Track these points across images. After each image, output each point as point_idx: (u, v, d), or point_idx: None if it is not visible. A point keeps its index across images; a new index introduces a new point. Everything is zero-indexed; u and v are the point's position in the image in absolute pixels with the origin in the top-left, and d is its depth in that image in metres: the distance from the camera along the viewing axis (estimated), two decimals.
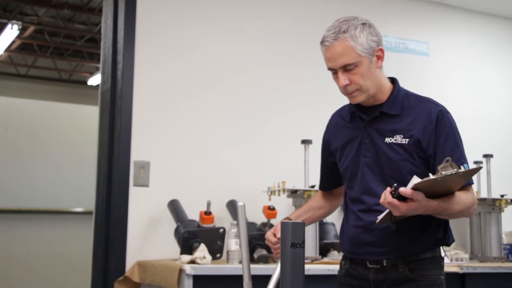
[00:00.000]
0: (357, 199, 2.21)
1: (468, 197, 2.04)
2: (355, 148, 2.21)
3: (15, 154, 7.65)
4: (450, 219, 2.13)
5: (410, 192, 1.85)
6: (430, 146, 2.11)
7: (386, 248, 2.10)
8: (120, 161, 3.73)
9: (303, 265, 1.71)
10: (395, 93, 2.20)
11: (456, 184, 1.96)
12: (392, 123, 2.16)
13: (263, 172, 4.03)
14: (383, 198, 1.90)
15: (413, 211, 1.90)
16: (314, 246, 3.63)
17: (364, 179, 2.18)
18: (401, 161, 2.11)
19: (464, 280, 3.76)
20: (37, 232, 7.61)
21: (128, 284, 3.60)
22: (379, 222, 2.03)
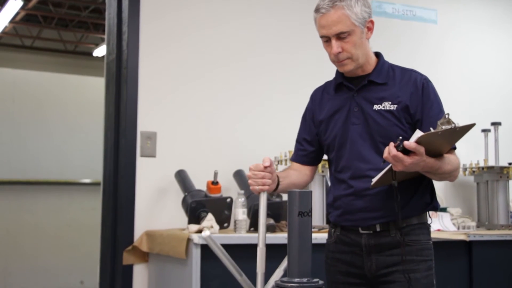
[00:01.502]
0: (346, 166, 2.25)
1: (455, 158, 2.15)
2: (343, 117, 2.27)
3: (22, 126, 7.66)
4: (439, 180, 2.20)
5: (415, 145, 1.91)
6: (418, 111, 2.19)
7: (379, 212, 2.17)
8: (126, 132, 3.74)
9: (311, 234, 1.71)
10: (381, 64, 2.29)
11: (448, 144, 2.05)
12: (379, 91, 2.24)
13: (270, 142, 4.03)
14: (387, 152, 1.95)
15: (415, 166, 1.96)
16: (321, 215, 3.65)
17: (354, 146, 2.23)
18: (390, 127, 2.18)
19: (471, 248, 3.78)
20: (46, 203, 7.67)
21: (136, 254, 3.63)
22: (374, 184, 2.09)
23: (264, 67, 4.16)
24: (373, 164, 2.15)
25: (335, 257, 2.30)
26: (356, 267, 2.23)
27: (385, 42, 4.04)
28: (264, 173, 2.07)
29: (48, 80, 7.97)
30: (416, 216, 2.21)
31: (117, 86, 3.87)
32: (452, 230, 3.92)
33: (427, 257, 2.20)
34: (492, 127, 4.34)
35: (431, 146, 1.96)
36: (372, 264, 2.19)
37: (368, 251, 2.20)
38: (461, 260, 3.76)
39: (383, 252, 2.17)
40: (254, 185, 2.06)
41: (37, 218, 7.62)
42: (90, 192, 7.42)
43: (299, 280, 1.66)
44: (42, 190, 7.67)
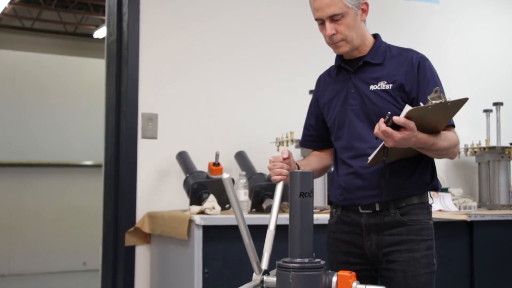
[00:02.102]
0: (346, 147, 2.27)
1: (453, 135, 2.15)
2: (341, 98, 2.29)
3: (23, 108, 7.66)
4: (437, 157, 2.19)
5: (404, 119, 1.91)
6: (414, 89, 2.20)
7: (377, 190, 2.18)
8: (127, 113, 3.73)
9: (312, 214, 1.72)
10: (377, 45, 2.30)
11: (443, 120, 2.03)
12: (375, 71, 2.25)
13: (271, 123, 4.03)
14: (377, 128, 1.96)
15: (406, 141, 1.96)
16: (322, 196, 3.65)
17: (352, 126, 2.25)
18: (386, 106, 2.18)
19: (472, 228, 3.79)
20: (47, 185, 7.69)
21: (138, 235, 3.65)
22: (370, 163, 2.11)
23: (266, 51, 4.15)
24: (371, 143, 2.14)
25: (336, 237, 2.32)
26: (356, 247, 2.24)
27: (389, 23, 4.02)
28: (282, 163, 2.11)
29: (48, 62, 7.94)
30: (416, 196, 2.21)
31: (118, 68, 3.86)
32: (453, 211, 3.93)
33: (427, 237, 2.20)
34: (494, 107, 4.34)
35: (424, 122, 1.95)
36: (372, 244, 2.21)
37: (368, 231, 2.21)
38: (462, 240, 3.77)
39: (383, 232, 2.19)
40: (273, 175, 2.11)
41: (39, 200, 7.64)
42: (92, 174, 7.43)
43: (300, 260, 1.67)
44: (44, 172, 7.68)
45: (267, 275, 1.79)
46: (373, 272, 2.26)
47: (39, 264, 7.52)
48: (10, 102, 7.62)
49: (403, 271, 2.15)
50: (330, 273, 1.68)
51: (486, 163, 4.31)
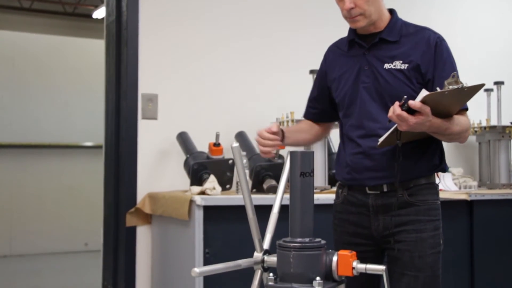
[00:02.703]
0: (356, 125, 2.24)
1: (465, 119, 2.12)
2: (353, 75, 2.24)
3: (23, 89, 7.64)
4: (448, 141, 2.19)
5: (420, 104, 1.89)
6: (429, 71, 2.16)
7: (386, 172, 2.16)
8: (127, 94, 3.72)
9: (312, 194, 1.72)
10: (394, 21, 2.25)
11: (457, 105, 2.01)
12: (391, 49, 2.20)
13: (271, 103, 4.02)
14: (392, 111, 1.93)
15: (420, 126, 1.94)
16: (323, 176, 3.65)
17: (364, 105, 2.21)
18: (400, 86, 2.15)
19: (472, 207, 3.80)
20: (48, 167, 7.69)
21: (139, 216, 3.66)
22: (381, 144, 2.08)
23: (266, 32, 4.13)
24: (382, 123, 2.12)
25: (342, 217, 2.30)
26: (363, 228, 2.23)
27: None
28: (270, 141, 2.14)
29: (47, 42, 7.91)
30: (424, 177, 2.20)
31: (117, 48, 3.84)
32: (454, 190, 3.94)
33: (435, 217, 2.20)
34: (494, 87, 4.32)
35: (439, 106, 1.93)
36: (379, 224, 2.19)
37: (375, 212, 2.20)
38: (462, 220, 3.78)
39: (390, 212, 2.17)
40: (261, 150, 2.12)
41: (39, 181, 7.65)
42: (92, 155, 7.44)
43: (301, 240, 1.67)
44: (44, 153, 7.69)
45: (268, 255, 1.79)
46: (379, 252, 2.26)
47: (41, 244, 7.55)
48: (10, 83, 7.60)
49: (410, 251, 2.15)
50: (330, 252, 1.69)
51: (486, 142, 4.31)
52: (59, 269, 6.71)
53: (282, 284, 1.67)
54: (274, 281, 1.69)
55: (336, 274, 1.67)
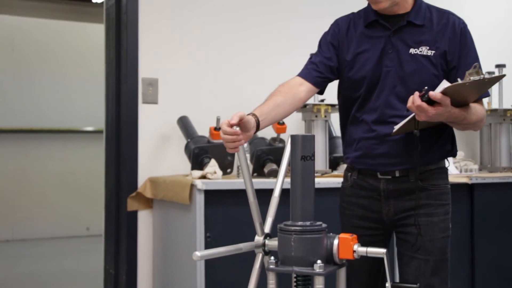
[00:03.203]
0: (372, 109, 2.18)
1: (482, 108, 2.10)
2: (375, 57, 2.17)
3: (23, 74, 7.62)
4: (463, 130, 2.15)
5: (440, 95, 1.86)
6: (454, 58, 2.12)
7: (399, 159, 2.14)
8: (128, 78, 3.71)
9: (313, 178, 1.72)
10: (419, 3, 2.18)
11: (475, 94, 1.99)
12: (417, 33, 2.14)
13: (271, 87, 3.98)
14: (411, 101, 1.90)
15: (439, 116, 1.91)
16: (324, 160, 3.65)
17: (384, 89, 2.15)
18: (424, 73, 2.11)
19: (473, 191, 3.80)
20: (49, 152, 7.70)
21: (140, 200, 3.66)
22: (396, 132, 2.06)
23: (267, 15, 4.11)
24: (401, 110, 2.09)
25: (351, 201, 2.28)
26: (373, 212, 2.22)
27: None
28: (231, 137, 1.85)
29: (47, 27, 7.87)
30: (435, 162, 2.19)
31: (117, 32, 3.83)
32: (455, 174, 3.94)
33: (445, 202, 2.20)
34: (496, 69, 4.30)
35: (457, 96, 1.91)
36: (390, 209, 2.19)
37: (386, 196, 2.19)
38: (463, 203, 3.78)
39: (401, 197, 2.16)
40: (227, 147, 1.88)
41: (41, 166, 7.66)
42: (94, 140, 7.44)
43: (302, 224, 1.68)
44: (46, 138, 7.69)
45: (269, 239, 1.80)
46: (387, 236, 2.26)
47: (43, 229, 7.58)
48: (10, 68, 7.58)
49: (421, 235, 2.14)
50: (331, 236, 1.69)
51: (487, 125, 4.30)
52: (61, 254, 6.73)
53: (283, 267, 1.68)
54: (275, 264, 1.69)
55: (337, 257, 1.67)
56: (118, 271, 3.79)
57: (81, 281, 5.33)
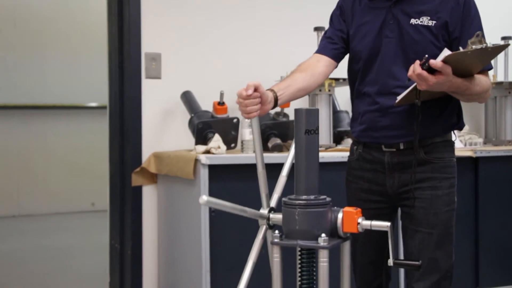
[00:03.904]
0: (374, 81, 2.18)
1: (487, 80, 2.08)
2: (376, 28, 2.17)
3: (25, 50, 7.59)
4: (467, 101, 2.15)
5: (441, 64, 1.85)
6: (457, 29, 2.11)
7: (403, 130, 2.13)
8: (131, 53, 3.70)
9: (317, 152, 1.71)
10: None
11: (479, 65, 1.97)
12: (418, 4, 2.13)
13: (275, 61, 3.98)
14: (412, 70, 1.90)
15: (440, 86, 1.90)
16: (328, 134, 3.64)
17: (385, 60, 2.15)
18: (425, 44, 2.10)
19: (477, 164, 3.79)
20: (53, 128, 7.70)
21: (145, 175, 3.67)
22: (398, 102, 2.05)
23: None
24: (403, 81, 2.08)
25: (356, 174, 2.28)
26: (378, 185, 2.22)
27: None
28: (248, 101, 1.90)
29: (49, 2, 7.81)
30: (441, 135, 2.18)
31: (120, 7, 3.80)
32: (459, 147, 3.92)
33: (450, 175, 2.19)
34: (501, 42, 4.27)
35: (460, 65, 1.89)
36: (394, 182, 2.19)
37: (391, 169, 2.19)
38: (467, 177, 3.78)
39: (405, 170, 2.16)
40: (242, 114, 1.93)
41: (46, 142, 7.67)
42: (97, 116, 7.43)
43: (306, 197, 1.68)
44: (50, 114, 7.69)
45: (273, 212, 1.80)
46: (393, 210, 2.26)
47: (49, 205, 7.61)
48: (12, 45, 7.55)
49: (425, 208, 2.14)
50: (335, 209, 1.70)
51: (493, 99, 4.28)
52: (66, 229, 6.77)
53: (288, 241, 1.68)
54: (279, 238, 1.70)
55: (341, 231, 1.68)
56: (123, 246, 3.82)
57: (87, 255, 5.37)
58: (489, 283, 3.88)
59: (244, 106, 1.90)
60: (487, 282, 3.87)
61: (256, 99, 1.90)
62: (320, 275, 1.64)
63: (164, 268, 3.66)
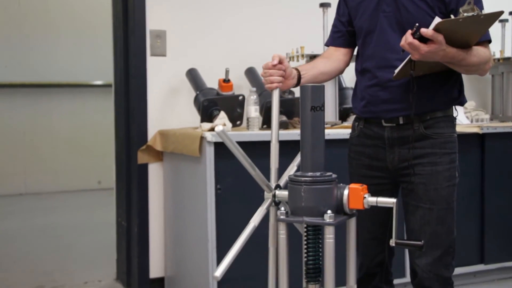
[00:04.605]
0: (373, 55, 2.19)
1: (485, 51, 2.06)
2: (373, 3, 2.18)
3: (30, 29, 7.57)
4: (466, 73, 2.13)
5: (432, 32, 1.84)
6: (453, 1, 2.09)
7: (402, 104, 2.13)
8: (135, 30, 3.68)
9: (323, 129, 1.71)
10: None
11: (475, 35, 1.95)
12: None
13: (281, 38, 3.96)
14: (404, 40, 1.90)
15: (433, 55, 1.89)
16: (333, 111, 3.64)
17: (383, 34, 2.15)
18: (421, 16, 2.08)
19: (484, 141, 3.78)
20: (59, 105, 7.71)
21: (151, 153, 3.68)
22: (396, 75, 2.04)
23: None
24: (399, 54, 2.06)
25: (358, 150, 2.29)
26: (378, 160, 2.22)
27: None
28: (272, 70, 2.02)
29: None
30: (441, 110, 2.17)
31: None
32: (466, 123, 3.91)
33: (451, 150, 2.17)
34: (510, 17, 4.23)
35: (455, 35, 1.87)
36: (394, 157, 2.18)
37: (391, 144, 2.18)
38: (473, 153, 3.77)
39: (405, 145, 2.15)
40: (266, 83, 2.04)
41: (51, 120, 7.69)
42: (103, 94, 7.44)
43: (312, 174, 1.67)
44: (55, 92, 7.69)
45: (279, 189, 1.80)
46: (394, 186, 2.26)
47: (55, 183, 7.65)
48: (16, 23, 7.53)
49: (425, 184, 2.14)
50: (341, 186, 1.69)
51: (500, 74, 4.25)
52: (73, 207, 6.81)
53: (294, 218, 1.69)
54: (285, 215, 1.70)
55: (347, 207, 1.68)
56: (130, 224, 3.83)
57: (93, 233, 5.40)
58: (494, 259, 3.89)
59: (268, 76, 2.02)
60: (492, 258, 3.88)
61: (280, 71, 2.03)
62: (326, 251, 1.64)
63: (171, 245, 3.68)
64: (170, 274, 3.70)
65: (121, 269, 3.97)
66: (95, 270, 4.27)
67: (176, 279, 3.61)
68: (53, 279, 4.09)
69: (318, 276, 1.71)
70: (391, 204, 1.66)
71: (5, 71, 7.46)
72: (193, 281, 3.36)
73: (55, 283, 4.02)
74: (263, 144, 2.84)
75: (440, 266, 2.15)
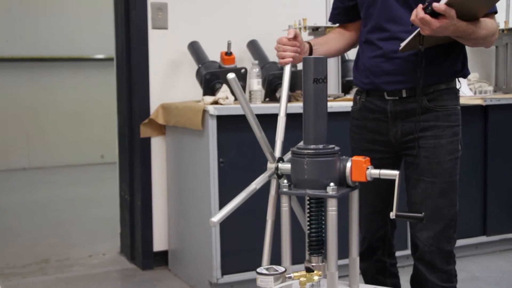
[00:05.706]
0: (376, 27, 2.14)
1: (493, 22, 2.03)
2: None
3: (31, 2, 7.52)
4: (473, 46, 2.10)
5: (444, 7, 1.80)
6: None
7: (406, 76, 2.10)
8: (136, 3, 3.65)
9: (326, 101, 1.70)
10: None
11: (484, 7, 1.93)
12: None
13: (283, 10, 3.93)
14: (414, 14, 1.86)
15: (444, 30, 1.86)
16: (336, 84, 3.62)
17: (386, 4, 2.11)
18: None
19: (487, 112, 3.77)
20: (61, 80, 7.69)
21: (153, 127, 3.68)
22: (403, 49, 2.01)
23: None
24: (405, 25, 2.02)
25: (360, 124, 2.26)
26: (381, 134, 2.20)
27: None
28: (287, 46, 2.03)
29: None
30: (444, 82, 2.14)
31: None
32: (469, 95, 3.90)
33: (454, 123, 2.15)
34: None
35: (464, 8, 1.84)
36: (397, 131, 2.16)
37: (393, 118, 2.16)
38: (477, 125, 3.77)
39: (408, 119, 2.13)
40: (279, 58, 2.05)
41: (53, 94, 7.68)
42: (105, 68, 7.40)
43: (315, 147, 1.67)
44: (57, 66, 7.67)
45: (282, 162, 1.80)
46: (397, 159, 2.25)
47: (59, 157, 7.67)
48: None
49: (428, 157, 2.12)
50: (344, 158, 1.69)
51: (504, 46, 4.22)
52: (76, 181, 6.83)
53: (297, 190, 1.69)
54: (288, 187, 1.70)
55: (350, 180, 1.67)
56: (133, 197, 3.85)
57: (97, 206, 5.43)
58: (496, 231, 3.91)
59: (282, 51, 2.04)
60: (494, 230, 3.90)
61: (294, 47, 2.04)
62: (329, 223, 1.64)
63: (174, 219, 3.69)
64: (173, 248, 3.72)
65: (125, 242, 4.00)
66: (99, 244, 4.30)
67: (180, 252, 3.64)
68: (57, 253, 4.12)
69: (321, 249, 1.72)
70: (393, 176, 1.65)
71: (5, 45, 7.43)
72: (196, 254, 3.39)
73: (59, 256, 4.05)
74: (265, 117, 2.82)
75: (441, 240, 2.14)
